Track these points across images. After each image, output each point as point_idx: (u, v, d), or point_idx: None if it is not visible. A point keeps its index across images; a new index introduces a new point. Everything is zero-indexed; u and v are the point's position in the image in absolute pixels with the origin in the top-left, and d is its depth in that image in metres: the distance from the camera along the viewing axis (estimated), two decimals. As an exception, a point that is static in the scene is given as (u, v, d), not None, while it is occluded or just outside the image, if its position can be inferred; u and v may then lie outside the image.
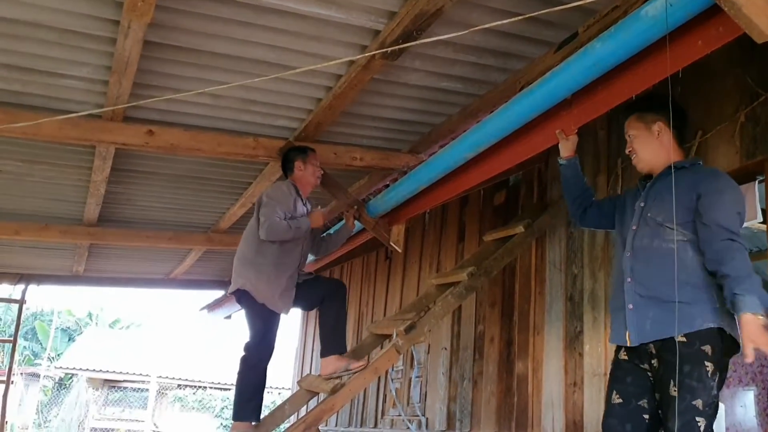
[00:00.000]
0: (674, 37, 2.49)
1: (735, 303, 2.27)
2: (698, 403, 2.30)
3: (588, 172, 3.81)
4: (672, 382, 2.36)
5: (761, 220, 3.13)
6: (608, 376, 2.69)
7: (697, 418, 2.29)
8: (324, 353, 4.06)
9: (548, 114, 3.22)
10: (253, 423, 3.91)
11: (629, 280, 2.56)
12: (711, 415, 2.31)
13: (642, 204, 2.65)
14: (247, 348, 4.03)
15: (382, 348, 4.40)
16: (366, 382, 3.85)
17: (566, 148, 3.05)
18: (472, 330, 4.86)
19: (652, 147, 2.68)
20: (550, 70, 3.08)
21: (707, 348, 2.34)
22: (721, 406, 4.47)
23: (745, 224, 3.20)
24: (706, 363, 2.33)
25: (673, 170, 2.50)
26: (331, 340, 4.09)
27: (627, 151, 2.79)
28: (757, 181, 3.10)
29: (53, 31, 3.32)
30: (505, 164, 3.73)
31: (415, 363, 5.43)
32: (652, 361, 2.49)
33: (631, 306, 2.52)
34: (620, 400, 2.54)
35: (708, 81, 3.27)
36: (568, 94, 3.07)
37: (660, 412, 2.45)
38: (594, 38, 2.82)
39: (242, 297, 4.08)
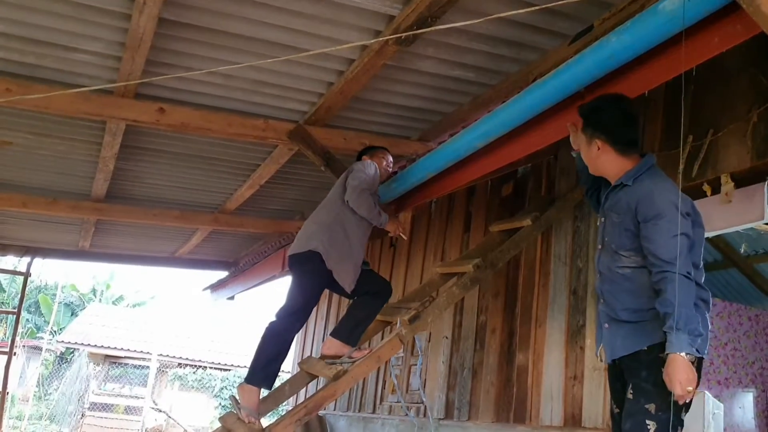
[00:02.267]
0: (690, 33, 2.48)
1: (666, 340, 2.30)
2: (651, 407, 2.32)
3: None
4: (630, 385, 2.42)
5: (767, 221, 3.12)
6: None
7: (648, 422, 2.31)
8: (335, 334, 4.00)
9: (560, 106, 3.21)
10: (263, 390, 3.85)
11: (602, 301, 2.63)
12: (665, 421, 2.30)
13: (602, 219, 2.69)
14: (279, 315, 3.92)
15: (383, 335, 4.41)
16: (368, 369, 3.85)
17: (577, 142, 3.05)
18: (474, 320, 4.87)
19: (593, 161, 2.71)
20: (563, 62, 3.06)
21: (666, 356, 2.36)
22: (720, 407, 4.50)
23: (752, 225, 3.19)
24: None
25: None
26: (350, 329, 4.00)
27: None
28: (766, 182, 3.09)
29: (68, 4, 3.32)
30: (514, 155, 3.71)
31: (417, 350, 5.44)
32: (622, 367, 2.55)
33: (606, 325, 2.58)
34: (618, 410, 2.59)
35: (722, 79, 3.25)
36: (581, 87, 3.05)
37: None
38: (609, 31, 2.81)
39: (307, 260, 3.92)
